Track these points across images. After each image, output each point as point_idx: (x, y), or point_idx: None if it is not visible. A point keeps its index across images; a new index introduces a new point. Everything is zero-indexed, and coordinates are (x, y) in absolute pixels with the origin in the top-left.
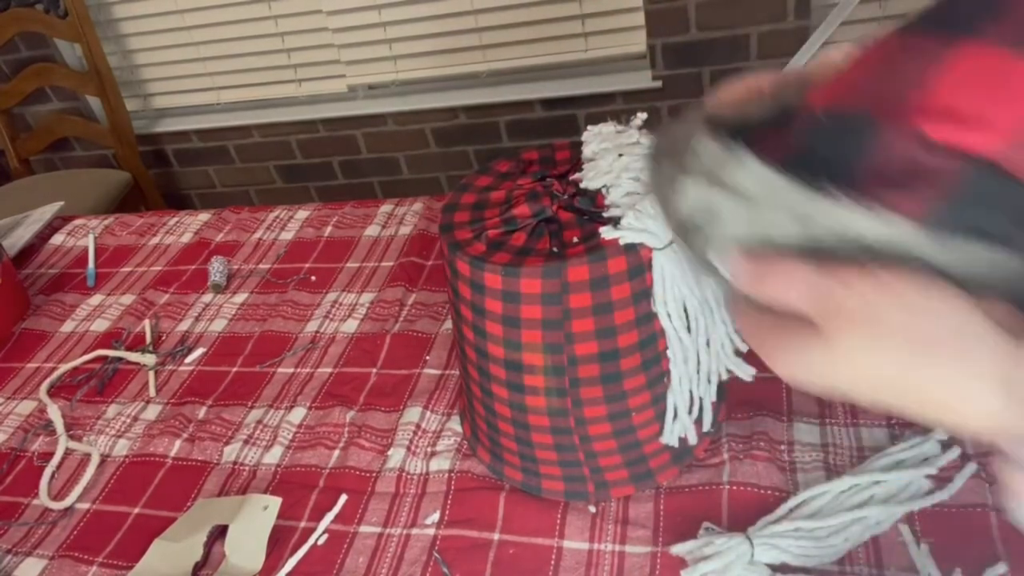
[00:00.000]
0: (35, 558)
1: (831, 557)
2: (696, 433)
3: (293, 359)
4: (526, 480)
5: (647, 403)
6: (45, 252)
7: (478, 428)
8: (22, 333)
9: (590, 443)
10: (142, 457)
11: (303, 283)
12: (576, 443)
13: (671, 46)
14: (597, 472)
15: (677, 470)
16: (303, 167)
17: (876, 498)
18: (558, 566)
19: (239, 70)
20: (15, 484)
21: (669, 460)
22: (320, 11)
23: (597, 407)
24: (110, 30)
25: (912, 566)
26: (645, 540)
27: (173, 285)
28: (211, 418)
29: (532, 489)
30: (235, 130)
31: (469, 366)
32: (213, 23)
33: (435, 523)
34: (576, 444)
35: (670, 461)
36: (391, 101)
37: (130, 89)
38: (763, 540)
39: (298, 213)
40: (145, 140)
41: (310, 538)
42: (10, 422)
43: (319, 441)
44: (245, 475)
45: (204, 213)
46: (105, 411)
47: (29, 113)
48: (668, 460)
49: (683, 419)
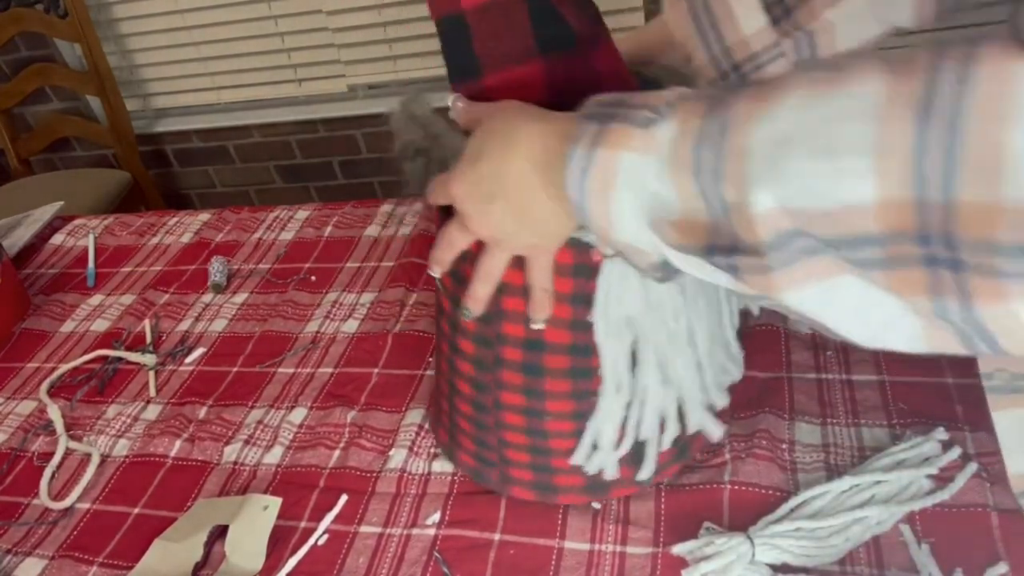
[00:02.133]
0: (35, 558)
1: (832, 557)
2: (622, 472)
3: (293, 359)
4: (476, 467)
5: (566, 414)
6: (45, 252)
7: (457, 429)
8: (22, 333)
9: (502, 430)
10: (142, 457)
11: (303, 283)
12: (491, 424)
13: None
14: (505, 464)
15: (587, 499)
16: (303, 167)
17: (877, 498)
18: (559, 566)
19: (239, 70)
20: (15, 484)
21: (580, 486)
22: (320, 11)
23: (514, 395)
24: (110, 30)
25: (913, 566)
26: (646, 540)
27: (173, 285)
28: (211, 418)
29: (473, 473)
30: (235, 130)
31: (443, 361)
32: (213, 23)
33: (436, 523)
34: (490, 425)
35: (581, 488)
36: (391, 101)
37: (130, 89)
38: (764, 540)
39: (298, 213)
40: (145, 140)
41: (310, 538)
42: (10, 422)
43: (320, 441)
44: (245, 475)
45: (204, 213)
46: (105, 411)
47: (29, 113)
48: (579, 486)
49: (605, 452)
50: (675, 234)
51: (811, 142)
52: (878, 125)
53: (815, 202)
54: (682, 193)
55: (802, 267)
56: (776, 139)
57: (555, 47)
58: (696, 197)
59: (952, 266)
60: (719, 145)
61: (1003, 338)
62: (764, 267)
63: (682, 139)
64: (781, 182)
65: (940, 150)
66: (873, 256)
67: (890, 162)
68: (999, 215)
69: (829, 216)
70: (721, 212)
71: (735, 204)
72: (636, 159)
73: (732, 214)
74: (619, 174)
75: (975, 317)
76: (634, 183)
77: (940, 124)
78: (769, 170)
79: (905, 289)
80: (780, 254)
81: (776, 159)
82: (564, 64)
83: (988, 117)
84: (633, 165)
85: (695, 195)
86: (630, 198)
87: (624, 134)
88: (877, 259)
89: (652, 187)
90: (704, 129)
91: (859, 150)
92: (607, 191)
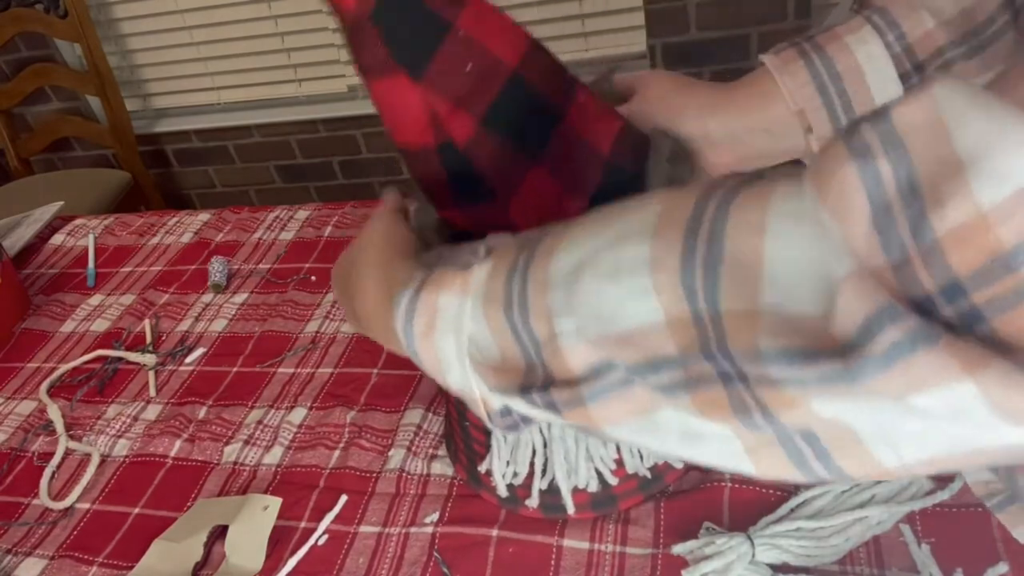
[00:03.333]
0: (35, 558)
1: (832, 557)
2: (628, 483)
3: (293, 359)
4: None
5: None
6: (45, 252)
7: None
8: (22, 333)
9: (467, 425)
10: (142, 457)
11: (303, 283)
12: (453, 413)
13: (671, 46)
14: (470, 455)
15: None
16: (303, 167)
17: (877, 498)
18: (558, 566)
19: (239, 70)
20: (15, 484)
21: (586, 503)
22: (320, 11)
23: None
24: (110, 30)
25: (913, 566)
26: (646, 540)
27: (173, 285)
28: (211, 418)
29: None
30: (235, 130)
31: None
32: (213, 23)
33: (435, 523)
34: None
35: (587, 505)
36: None
37: (130, 89)
38: (764, 540)
39: (298, 213)
40: (145, 140)
41: (310, 538)
42: (10, 422)
43: (319, 441)
44: (245, 475)
45: (204, 213)
46: (105, 411)
47: (29, 113)
48: (585, 503)
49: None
50: (492, 375)
51: (599, 266)
52: (652, 242)
53: (611, 327)
54: (494, 330)
55: (618, 400)
56: (570, 268)
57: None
58: (507, 332)
59: (742, 380)
60: (524, 278)
61: (836, 452)
62: (581, 399)
63: (494, 275)
64: (578, 310)
65: (703, 261)
66: (677, 379)
67: (662, 276)
68: (757, 320)
69: (628, 341)
70: (532, 346)
71: (545, 337)
72: (453, 300)
73: (543, 348)
74: (439, 317)
75: (784, 427)
76: (453, 325)
77: (704, 237)
78: (567, 299)
79: (714, 411)
80: (593, 387)
81: (571, 287)
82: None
83: (745, 228)
84: (450, 305)
85: (506, 330)
86: (451, 340)
87: (445, 276)
88: (680, 381)
89: (468, 328)
90: (513, 264)
91: (638, 269)
92: (431, 334)
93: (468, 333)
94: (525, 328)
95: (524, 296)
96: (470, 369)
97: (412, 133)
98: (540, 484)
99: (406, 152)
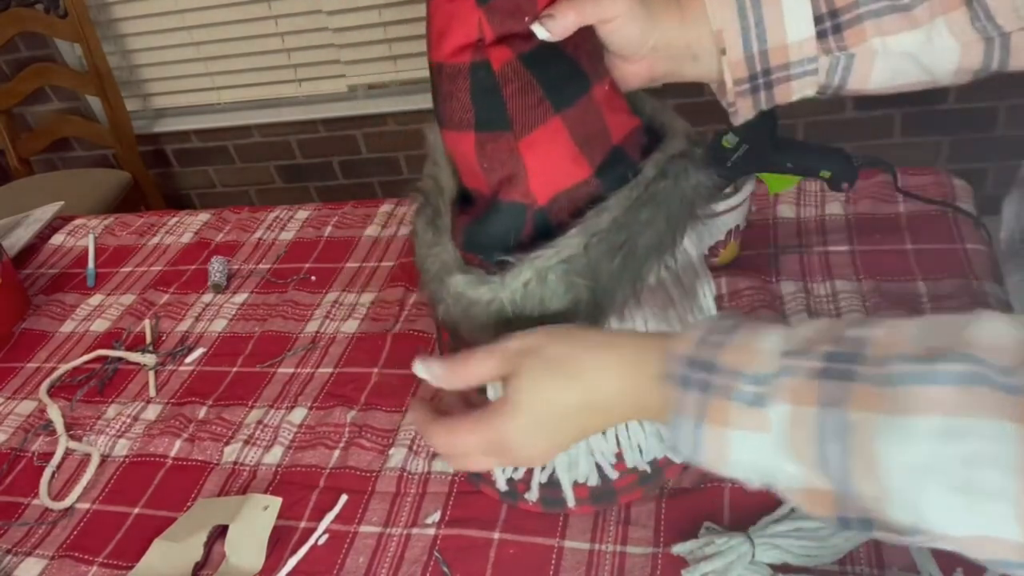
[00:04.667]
0: (35, 558)
1: (832, 557)
2: (628, 478)
3: (293, 359)
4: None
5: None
6: (45, 252)
7: None
8: (22, 333)
9: None
10: (142, 457)
11: (303, 283)
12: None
13: None
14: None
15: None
16: (303, 167)
17: None
18: (559, 566)
19: (239, 70)
20: (15, 484)
21: (586, 498)
22: (320, 11)
23: None
24: (110, 30)
25: (913, 566)
26: (646, 540)
27: (173, 285)
28: (211, 418)
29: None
30: (235, 130)
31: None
32: (213, 23)
33: (435, 523)
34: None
35: (587, 499)
36: (391, 101)
37: (130, 89)
38: (764, 540)
39: (298, 213)
40: (145, 140)
41: (310, 538)
42: (10, 422)
43: (319, 441)
44: (245, 475)
45: (204, 213)
46: (105, 411)
47: (29, 113)
48: (585, 497)
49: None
50: (799, 498)
51: (950, 479)
52: (1020, 480)
53: (951, 530)
54: (806, 474)
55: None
56: (913, 466)
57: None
58: (821, 479)
59: None
60: (845, 444)
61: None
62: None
63: (797, 427)
64: (920, 508)
65: None
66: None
67: None
68: None
69: (961, 540)
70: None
71: (873, 501)
72: (749, 436)
73: (870, 510)
74: (731, 450)
75: None
76: (750, 457)
77: None
78: (906, 494)
79: None
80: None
81: (915, 487)
82: (578, 112)
83: None
84: (746, 442)
85: (820, 476)
86: (746, 466)
87: (730, 411)
88: None
89: (769, 461)
90: (824, 424)
91: (1002, 498)
92: (722, 463)
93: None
94: (846, 487)
95: (846, 459)
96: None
97: (453, 50)
98: (540, 478)
99: (440, 69)
